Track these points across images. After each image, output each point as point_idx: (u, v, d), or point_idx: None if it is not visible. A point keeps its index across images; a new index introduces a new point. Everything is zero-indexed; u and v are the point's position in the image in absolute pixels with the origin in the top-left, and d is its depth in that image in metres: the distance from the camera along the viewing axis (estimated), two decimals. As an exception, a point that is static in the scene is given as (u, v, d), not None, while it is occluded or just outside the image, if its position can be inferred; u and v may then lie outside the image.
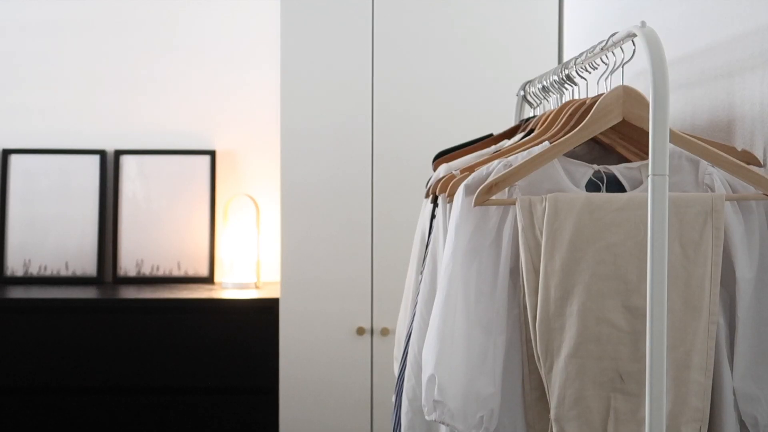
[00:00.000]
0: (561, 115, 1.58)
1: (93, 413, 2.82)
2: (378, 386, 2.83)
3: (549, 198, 1.39)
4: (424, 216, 1.80)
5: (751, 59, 1.53)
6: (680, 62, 1.78)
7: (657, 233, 1.21)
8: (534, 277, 1.39)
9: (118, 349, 2.81)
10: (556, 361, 1.37)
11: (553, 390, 1.37)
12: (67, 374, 2.81)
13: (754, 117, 1.53)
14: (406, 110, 2.84)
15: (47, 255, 3.22)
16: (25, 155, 3.26)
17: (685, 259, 1.37)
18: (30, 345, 2.81)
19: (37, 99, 3.31)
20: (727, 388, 1.38)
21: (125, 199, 3.25)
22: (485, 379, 1.40)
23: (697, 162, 1.45)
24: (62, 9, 3.32)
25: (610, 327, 1.36)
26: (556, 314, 1.37)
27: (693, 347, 1.36)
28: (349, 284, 2.85)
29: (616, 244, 1.37)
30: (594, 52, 1.52)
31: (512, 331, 1.43)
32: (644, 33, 1.25)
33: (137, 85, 3.31)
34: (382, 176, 2.84)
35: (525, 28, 2.84)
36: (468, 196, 1.43)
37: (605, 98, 1.45)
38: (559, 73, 1.75)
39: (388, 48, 2.84)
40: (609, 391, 1.36)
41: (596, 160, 1.57)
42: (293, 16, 2.83)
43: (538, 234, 1.39)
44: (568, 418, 1.36)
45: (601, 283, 1.36)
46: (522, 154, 1.47)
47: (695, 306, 1.36)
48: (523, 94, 2.12)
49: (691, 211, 1.37)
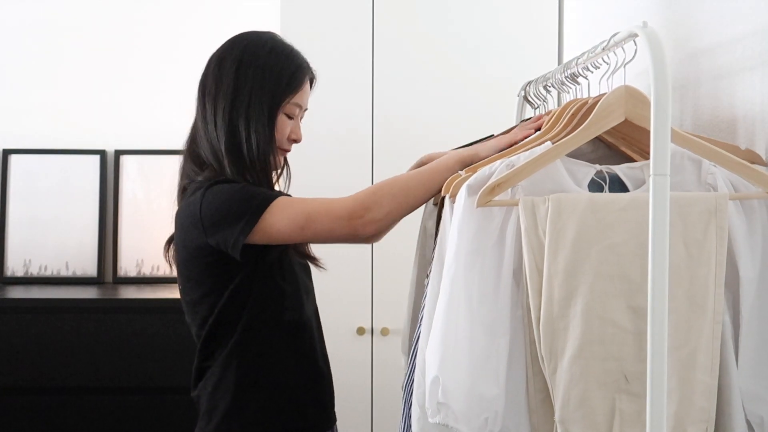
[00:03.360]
0: (563, 115, 1.58)
1: (93, 413, 2.82)
2: (378, 386, 2.83)
3: (552, 198, 1.39)
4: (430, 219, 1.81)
5: (751, 59, 1.53)
6: (681, 62, 1.78)
7: (659, 233, 1.21)
8: (537, 278, 1.39)
9: (118, 349, 2.81)
10: (560, 362, 1.37)
11: (557, 391, 1.37)
12: (67, 374, 2.81)
13: (754, 117, 1.53)
14: (406, 110, 2.84)
15: (47, 255, 3.21)
16: (25, 155, 3.25)
17: (689, 258, 1.37)
18: (30, 345, 2.80)
19: (37, 99, 3.30)
20: (733, 388, 1.38)
21: (125, 199, 3.25)
22: (489, 381, 1.39)
23: (699, 161, 1.45)
24: (62, 9, 3.31)
25: (615, 327, 1.36)
26: (560, 315, 1.37)
27: (698, 347, 1.36)
28: (349, 284, 2.85)
29: (620, 244, 1.37)
30: (596, 51, 1.52)
31: (516, 333, 1.42)
32: (646, 33, 1.25)
33: (137, 85, 3.31)
34: (382, 176, 2.82)
35: (525, 28, 2.84)
36: (471, 197, 1.42)
37: (608, 98, 1.45)
38: (561, 73, 1.75)
39: (388, 48, 2.84)
40: (614, 392, 1.36)
41: (600, 159, 1.56)
42: (293, 16, 2.83)
43: (541, 234, 1.39)
44: (573, 419, 1.36)
45: (604, 283, 1.36)
46: (524, 155, 1.47)
47: (700, 305, 1.36)
48: (524, 94, 2.12)
49: (694, 210, 1.37)
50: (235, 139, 1.67)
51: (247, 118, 1.67)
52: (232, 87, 1.68)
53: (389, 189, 1.63)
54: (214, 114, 1.69)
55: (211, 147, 1.69)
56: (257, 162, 1.67)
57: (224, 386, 1.69)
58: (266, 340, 1.69)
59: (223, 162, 1.67)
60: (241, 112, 1.67)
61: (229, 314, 1.67)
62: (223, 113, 1.67)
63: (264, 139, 1.67)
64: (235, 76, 1.68)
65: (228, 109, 1.67)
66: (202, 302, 1.69)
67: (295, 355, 1.73)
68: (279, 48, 1.72)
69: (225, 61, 1.70)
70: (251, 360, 1.68)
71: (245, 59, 1.69)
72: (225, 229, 1.60)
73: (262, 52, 1.70)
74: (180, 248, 1.71)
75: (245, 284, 1.66)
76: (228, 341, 1.68)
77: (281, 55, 1.71)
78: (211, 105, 1.69)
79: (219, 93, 1.68)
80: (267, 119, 1.67)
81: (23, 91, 3.31)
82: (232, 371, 1.68)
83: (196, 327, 1.73)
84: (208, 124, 1.69)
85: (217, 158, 1.68)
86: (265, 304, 1.68)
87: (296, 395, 1.73)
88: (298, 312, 1.73)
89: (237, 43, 1.73)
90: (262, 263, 1.67)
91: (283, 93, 1.69)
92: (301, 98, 1.73)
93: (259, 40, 1.73)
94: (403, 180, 1.64)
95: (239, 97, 1.67)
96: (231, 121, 1.67)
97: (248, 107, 1.67)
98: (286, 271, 1.71)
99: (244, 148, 1.66)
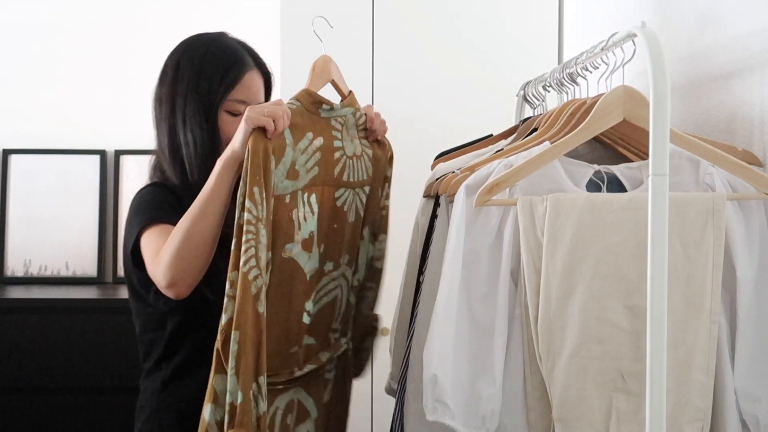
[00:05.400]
0: (561, 115, 1.58)
1: (93, 413, 2.82)
2: (378, 386, 2.83)
3: (550, 198, 1.39)
4: (423, 215, 1.80)
5: (751, 59, 1.53)
6: (680, 62, 1.78)
7: (657, 233, 1.21)
8: (535, 278, 1.39)
9: (118, 349, 2.81)
10: (557, 361, 1.37)
11: (554, 390, 1.37)
12: (67, 374, 2.81)
13: (753, 117, 1.53)
14: (406, 110, 2.83)
15: (47, 255, 3.21)
16: (25, 155, 3.25)
17: (686, 258, 1.37)
18: (30, 345, 2.80)
19: (37, 99, 3.30)
20: (729, 388, 1.38)
21: (125, 199, 3.24)
22: (486, 380, 1.40)
23: (697, 162, 1.45)
24: (62, 9, 3.31)
25: (612, 327, 1.36)
26: (558, 314, 1.37)
27: (695, 347, 1.36)
28: (349, 284, 2.85)
29: (617, 244, 1.37)
30: (594, 52, 1.52)
31: (513, 332, 1.43)
32: (644, 33, 1.25)
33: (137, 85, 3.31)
34: (382, 176, 2.83)
35: (525, 28, 2.84)
36: (469, 197, 1.43)
37: (606, 98, 1.46)
38: (560, 73, 1.75)
39: (388, 48, 2.84)
40: (611, 391, 1.36)
41: (598, 159, 1.57)
42: (293, 16, 2.83)
43: (539, 234, 1.39)
44: (570, 418, 1.36)
45: (602, 282, 1.36)
46: (523, 155, 1.47)
47: (696, 306, 1.36)
48: (523, 94, 2.12)
49: (692, 210, 1.38)
50: (174, 143, 1.68)
51: (184, 120, 1.67)
52: (170, 91, 1.69)
53: (177, 252, 1.51)
54: (158, 120, 1.71)
55: (160, 151, 1.72)
56: (198, 165, 1.66)
57: (151, 389, 1.71)
58: (192, 347, 1.67)
59: (167, 166, 1.69)
60: (178, 116, 1.67)
61: (160, 320, 1.68)
62: (163, 118, 1.69)
63: (203, 140, 1.66)
64: (173, 80, 1.69)
65: (168, 113, 1.68)
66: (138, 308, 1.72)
67: None
68: (216, 47, 1.71)
69: (167, 67, 1.72)
70: (177, 365, 1.68)
71: (183, 62, 1.69)
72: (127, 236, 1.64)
73: (198, 54, 1.70)
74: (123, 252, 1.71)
75: None
76: (159, 345, 1.69)
77: (217, 53, 1.70)
78: (157, 111, 1.72)
79: (163, 98, 1.70)
80: (205, 120, 1.66)
81: (23, 91, 3.31)
82: (160, 375, 1.70)
83: (138, 329, 1.75)
84: (157, 130, 1.72)
85: (163, 163, 1.71)
86: (191, 312, 1.65)
87: None
88: None
89: (179, 47, 1.74)
90: None
91: (218, 90, 1.67)
92: (242, 93, 1.70)
93: (198, 42, 1.73)
94: (185, 230, 1.52)
95: (176, 101, 1.68)
96: (171, 125, 1.68)
97: (185, 109, 1.67)
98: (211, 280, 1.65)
99: (182, 150, 1.67)
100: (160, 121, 1.71)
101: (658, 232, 1.21)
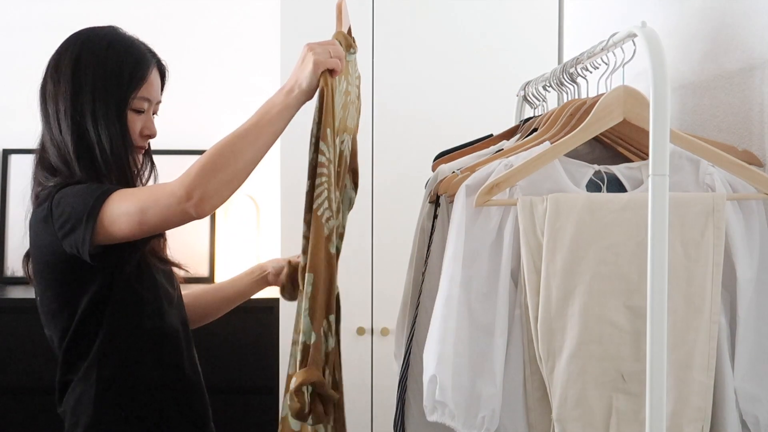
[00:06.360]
0: (561, 115, 1.58)
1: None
2: (378, 386, 2.83)
3: (550, 198, 1.39)
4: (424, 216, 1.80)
5: (751, 59, 1.53)
6: (680, 62, 1.78)
7: (657, 233, 1.21)
8: (535, 278, 1.39)
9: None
10: (557, 361, 1.37)
11: (555, 390, 1.37)
12: (68, 374, 2.81)
13: (753, 117, 1.53)
14: (406, 110, 2.84)
15: (47, 255, 3.21)
16: (25, 155, 3.25)
17: (686, 258, 1.37)
18: (30, 345, 2.80)
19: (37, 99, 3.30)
20: (729, 388, 1.38)
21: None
22: (486, 380, 1.40)
23: (697, 162, 1.45)
24: (62, 9, 3.31)
25: (612, 327, 1.36)
26: (558, 314, 1.37)
27: (695, 347, 1.36)
28: (349, 284, 2.84)
29: (618, 244, 1.37)
30: (594, 52, 1.52)
31: (513, 332, 1.43)
32: (645, 33, 1.25)
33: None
34: (382, 176, 2.84)
35: (525, 28, 2.85)
36: (469, 197, 1.43)
37: (606, 98, 1.46)
38: (560, 73, 1.75)
39: (388, 48, 2.84)
40: (611, 392, 1.36)
41: (598, 159, 1.57)
42: (293, 16, 2.83)
43: (539, 234, 1.39)
44: (570, 418, 1.36)
45: (602, 283, 1.36)
46: (523, 155, 1.47)
47: (697, 306, 1.36)
48: (523, 94, 2.12)
49: (692, 210, 1.38)
50: (84, 142, 1.60)
51: (94, 119, 1.60)
52: (72, 88, 1.61)
53: (213, 161, 1.46)
54: (57, 118, 1.62)
55: (59, 152, 1.62)
56: (113, 164, 1.60)
57: (85, 399, 1.61)
58: (127, 350, 1.61)
59: (73, 166, 1.61)
60: (87, 114, 1.60)
61: (88, 323, 1.60)
62: (65, 116, 1.61)
63: (117, 139, 1.61)
64: (73, 77, 1.62)
65: (70, 111, 1.61)
66: (62, 312, 1.61)
67: (159, 365, 1.65)
68: (117, 43, 1.66)
69: (62, 62, 1.64)
70: (112, 371, 1.60)
71: (83, 58, 1.63)
72: (74, 231, 1.53)
73: (100, 48, 1.64)
74: (36, 258, 1.63)
75: (103, 291, 1.59)
76: (89, 351, 1.60)
77: (120, 49, 1.65)
78: (53, 109, 1.63)
79: (59, 95, 1.62)
80: (116, 118, 1.61)
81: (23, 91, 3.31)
82: (93, 383, 1.60)
83: (57, 339, 1.65)
84: (53, 128, 1.63)
85: (66, 163, 1.62)
86: (124, 312, 1.60)
87: (162, 407, 1.65)
88: (159, 320, 1.66)
89: (72, 41, 1.67)
90: (120, 269, 1.60)
91: (127, 89, 1.63)
92: (148, 91, 1.66)
93: (95, 36, 1.67)
94: (229, 143, 1.48)
95: (81, 98, 1.61)
96: (78, 123, 1.60)
97: (93, 108, 1.60)
98: (145, 278, 1.63)
99: (96, 150, 1.60)
100: (58, 119, 1.62)
101: (658, 232, 1.21)
